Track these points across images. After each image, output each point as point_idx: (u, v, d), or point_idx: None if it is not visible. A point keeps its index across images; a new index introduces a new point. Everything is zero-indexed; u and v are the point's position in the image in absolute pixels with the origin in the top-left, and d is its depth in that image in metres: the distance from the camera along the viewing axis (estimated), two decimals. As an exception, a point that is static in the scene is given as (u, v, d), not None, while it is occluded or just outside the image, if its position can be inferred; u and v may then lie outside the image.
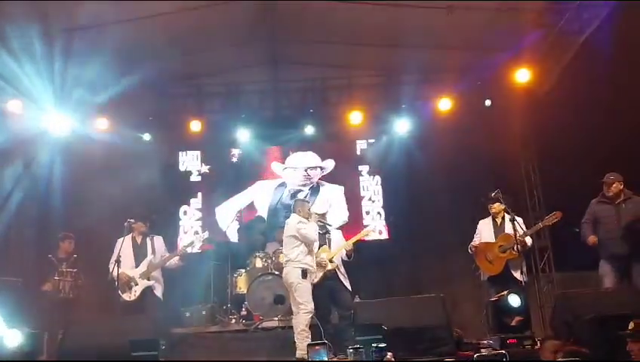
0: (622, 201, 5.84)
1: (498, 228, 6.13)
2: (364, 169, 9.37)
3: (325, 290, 5.91)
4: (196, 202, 9.19)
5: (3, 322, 5.08)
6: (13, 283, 6.83)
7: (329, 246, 6.05)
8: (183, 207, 9.16)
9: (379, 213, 9.11)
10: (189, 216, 9.14)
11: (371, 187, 9.30)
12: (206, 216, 9.12)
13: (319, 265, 5.87)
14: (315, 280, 5.82)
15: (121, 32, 7.03)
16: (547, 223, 5.80)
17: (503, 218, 6.14)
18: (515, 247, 5.80)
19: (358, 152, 9.46)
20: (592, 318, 4.34)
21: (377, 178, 9.30)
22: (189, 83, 9.21)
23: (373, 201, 9.23)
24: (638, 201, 5.81)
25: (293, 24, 7.87)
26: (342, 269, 6.04)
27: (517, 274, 5.87)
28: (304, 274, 5.51)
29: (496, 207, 6.15)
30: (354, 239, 6.10)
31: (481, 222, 6.30)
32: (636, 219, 5.68)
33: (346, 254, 6.02)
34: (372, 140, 9.44)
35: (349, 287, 6.02)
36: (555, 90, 7.69)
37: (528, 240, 5.91)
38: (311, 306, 5.43)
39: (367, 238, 6.75)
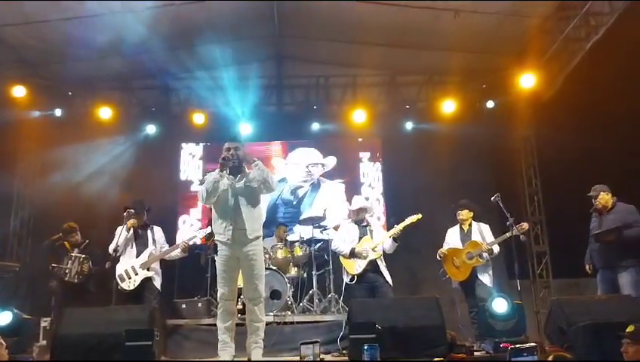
0: (608, 212, 5.68)
1: (465, 235, 6.12)
2: (364, 156, 9.37)
3: (366, 284, 5.82)
4: (196, 212, 9.14)
5: None
6: (10, 268, 6.89)
7: (371, 237, 5.97)
8: (182, 217, 9.14)
9: (377, 199, 9.10)
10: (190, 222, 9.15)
11: (372, 173, 9.30)
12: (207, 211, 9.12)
13: (360, 255, 5.83)
14: (358, 271, 5.80)
15: (128, 22, 7.05)
16: (516, 233, 5.60)
17: (470, 225, 6.16)
18: (482, 255, 5.84)
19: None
20: (585, 325, 4.34)
21: (378, 164, 9.29)
22: (194, 76, 9.23)
23: (373, 188, 9.23)
24: (622, 210, 5.61)
25: (299, 21, 7.89)
26: (383, 262, 5.92)
27: (484, 279, 5.88)
28: None
29: (464, 214, 6.17)
30: (403, 224, 5.86)
31: (449, 230, 6.29)
32: (609, 229, 5.49)
33: (393, 238, 5.87)
34: (375, 139, 9.43)
35: (390, 281, 5.86)
36: (560, 96, 7.68)
37: (495, 248, 5.86)
38: None
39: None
